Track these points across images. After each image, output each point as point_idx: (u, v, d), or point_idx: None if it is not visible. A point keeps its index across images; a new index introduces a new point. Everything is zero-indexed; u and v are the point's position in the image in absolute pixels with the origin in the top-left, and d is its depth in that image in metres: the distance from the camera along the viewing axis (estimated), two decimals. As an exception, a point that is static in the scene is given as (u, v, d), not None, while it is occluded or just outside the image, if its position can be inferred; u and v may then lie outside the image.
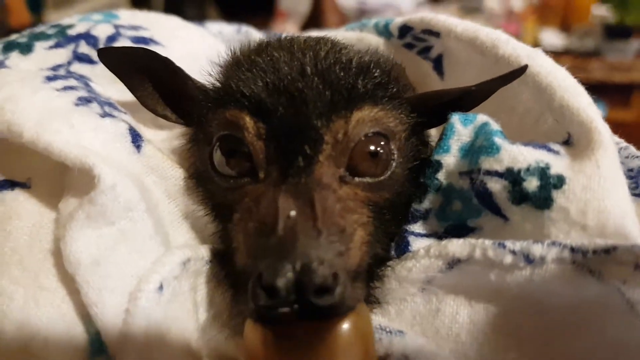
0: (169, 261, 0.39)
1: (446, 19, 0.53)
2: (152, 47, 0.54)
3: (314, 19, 2.36)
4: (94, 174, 0.38)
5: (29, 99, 0.43)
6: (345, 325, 0.34)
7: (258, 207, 0.38)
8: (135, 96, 0.48)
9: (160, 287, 0.38)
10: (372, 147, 0.41)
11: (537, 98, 0.45)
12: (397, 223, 0.44)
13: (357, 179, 0.41)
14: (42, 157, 0.42)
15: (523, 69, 0.43)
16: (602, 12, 2.29)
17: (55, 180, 0.43)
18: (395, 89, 0.45)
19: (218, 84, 0.46)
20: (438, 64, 0.56)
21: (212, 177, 0.43)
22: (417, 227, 0.44)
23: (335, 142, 0.40)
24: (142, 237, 0.40)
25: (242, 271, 0.37)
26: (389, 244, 0.43)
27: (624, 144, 0.47)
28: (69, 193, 0.41)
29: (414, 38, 0.56)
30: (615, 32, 2.15)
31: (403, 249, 0.43)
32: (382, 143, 0.42)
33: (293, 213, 0.35)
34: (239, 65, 0.45)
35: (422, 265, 0.40)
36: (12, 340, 0.36)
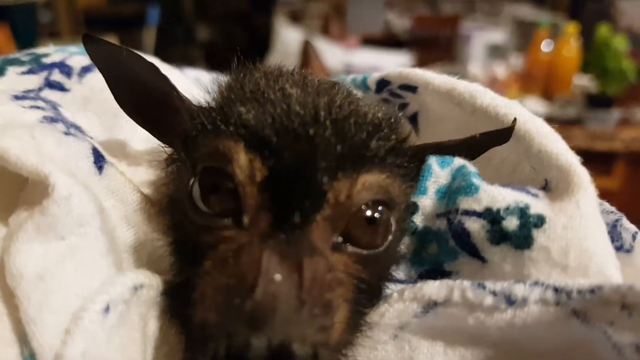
0: (119, 282, 0.37)
1: (424, 72, 0.54)
2: None
3: None
4: (48, 182, 0.37)
5: None
6: None
7: (236, 260, 0.34)
8: (112, 93, 0.46)
9: (107, 309, 0.35)
10: (372, 215, 0.38)
11: (515, 146, 0.45)
12: (376, 296, 0.41)
13: (350, 249, 0.38)
14: None
15: (512, 127, 0.43)
16: (583, 82, 2.38)
17: (8, 202, 0.41)
18: (404, 156, 0.43)
19: (212, 105, 0.43)
20: (413, 121, 0.58)
21: (187, 210, 0.38)
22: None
23: (336, 204, 0.36)
24: (92, 255, 0.38)
25: (202, 324, 0.34)
26: (364, 311, 0.40)
27: (598, 200, 0.47)
28: (21, 207, 0.39)
29: (391, 94, 0.57)
30: (597, 102, 2.24)
31: (378, 294, 0.41)
32: (383, 213, 0.39)
33: (278, 277, 0.32)
34: (242, 89, 0.41)
35: (395, 309, 0.39)
36: None
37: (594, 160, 2.35)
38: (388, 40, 3.70)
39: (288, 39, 3.02)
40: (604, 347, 0.33)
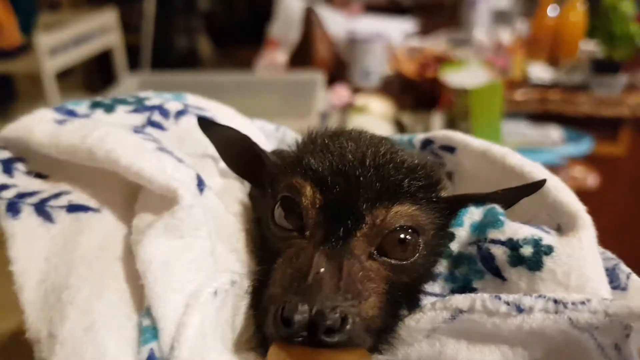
0: (223, 276, 0.50)
1: (464, 136, 0.67)
2: None
3: (304, 48, 2.49)
4: (178, 193, 0.50)
5: (124, 137, 0.56)
6: (351, 356, 0.44)
7: (298, 258, 0.49)
8: (220, 156, 0.64)
9: (215, 293, 0.48)
10: (402, 236, 0.51)
11: (535, 198, 0.58)
12: (408, 300, 0.53)
13: (383, 258, 0.51)
14: (110, 191, 0.56)
15: (543, 182, 0.56)
16: (590, 47, 2.37)
17: (122, 208, 0.56)
18: (433, 193, 0.56)
19: (292, 155, 0.59)
20: (448, 177, 0.70)
21: (270, 226, 0.55)
22: (428, 287, 0.55)
23: (373, 225, 0.50)
24: (201, 253, 0.51)
25: (267, 299, 0.48)
26: (398, 313, 0.52)
27: (601, 249, 0.57)
28: (144, 212, 0.53)
29: (432, 153, 0.70)
30: (603, 67, 2.21)
31: (414, 305, 0.53)
32: (412, 235, 0.52)
33: (322, 270, 0.46)
34: (314, 143, 0.58)
35: (428, 317, 0.50)
36: (77, 322, 0.45)
37: (599, 126, 2.29)
38: (391, 7, 3.60)
39: (290, 7, 2.98)
40: (591, 346, 0.44)
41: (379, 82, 2.54)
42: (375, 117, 2.15)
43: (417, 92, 2.32)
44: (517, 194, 0.57)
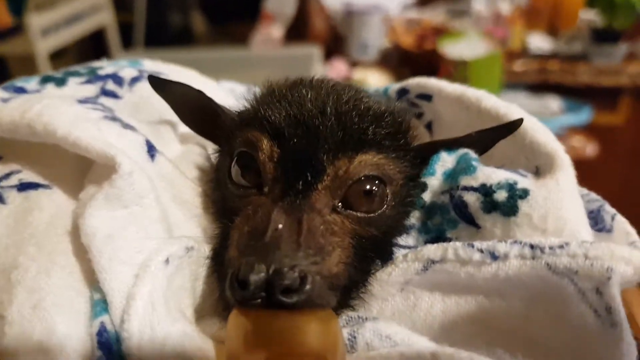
0: (175, 243, 0.47)
1: (438, 81, 0.64)
2: None
3: (300, 21, 2.45)
4: (115, 161, 0.46)
5: (65, 108, 0.53)
6: (314, 317, 0.40)
7: (255, 215, 0.46)
8: (176, 114, 0.60)
9: (167, 261, 0.45)
10: (368, 187, 0.48)
11: (512, 140, 0.54)
12: (378, 253, 0.50)
13: (348, 211, 0.48)
14: (61, 166, 0.53)
15: (519, 121, 0.52)
16: (589, 16, 2.33)
17: (72, 183, 0.52)
18: (402, 140, 0.53)
19: (249, 108, 0.55)
20: (428, 127, 0.67)
21: (227, 184, 0.52)
22: (401, 240, 0.52)
23: (336, 176, 0.47)
24: (149, 221, 0.48)
25: (227, 264, 0.44)
26: (368, 268, 0.49)
27: (585, 191, 0.55)
28: (90, 184, 0.50)
29: (409, 102, 0.67)
30: (603, 36, 2.19)
31: (387, 258, 0.50)
32: (379, 186, 0.49)
33: (280, 226, 0.43)
34: (271, 95, 0.54)
35: (400, 269, 0.47)
36: (24, 302, 0.43)
37: (599, 96, 2.28)
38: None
39: (285, -20, 2.90)
40: (572, 293, 0.41)
41: (377, 55, 2.49)
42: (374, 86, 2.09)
43: (415, 65, 2.28)
44: (493, 135, 0.53)
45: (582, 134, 2.05)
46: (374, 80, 2.13)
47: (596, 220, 0.51)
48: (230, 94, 0.80)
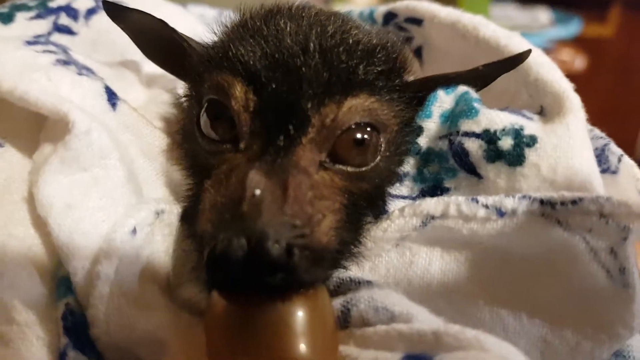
0: (143, 208, 0.41)
1: (430, 4, 0.57)
2: None
3: None
4: (68, 119, 0.40)
5: (10, 54, 0.46)
6: (301, 305, 0.34)
7: (229, 178, 0.39)
8: (138, 47, 0.52)
9: (134, 231, 0.40)
10: (359, 136, 0.42)
11: (514, 75, 0.48)
12: (371, 209, 0.45)
13: (337, 166, 0.42)
14: (16, 119, 0.46)
15: (527, 52, 0.46)
16: None
17: (29, 139, 0.46)
18: (397, 80, 0.46)
19: (218, 43, 0.47)
20: (418, 54, 0.61)
21: (197, 138, 0.44)
22: (394, 190, 0.47)
23: (322, 126, 0.41)
24: (114, 184, 0.42)
25: (202, 238, 0.38)
26: (361, 227, 0.44)
27: (589, 126, 0.50)
28: (44, 144, 0.44)
29: (397, 27, 0.60)
30: None
31: (380, 211, 0.45)
32: (372, 134, 0.42)
33: (258, 192, 0.36)
34: (244, 28, 0.46)
35: (396, 225, 0.43)
36: None
37: (588, 6, 2.33)
38: None
39: None
40: (583, 251, 0.38)
41: (364, -31, 2.33)
42: (359, 6, 1.98)
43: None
44: (496, 70, 0.47)
45: (571, 47, 1.99)
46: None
47: (600, 160, 0.47)
48: (200, 20, 0.72)
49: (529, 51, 0.46)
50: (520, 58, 0.46)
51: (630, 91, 2.39)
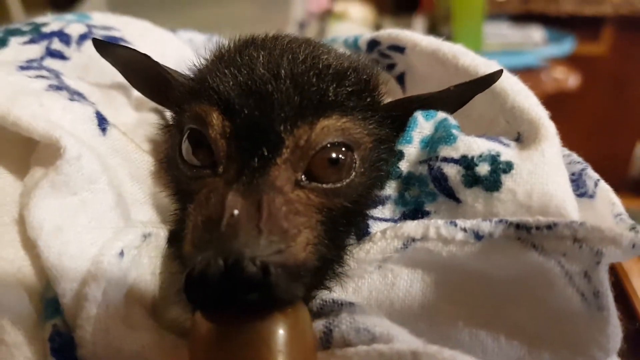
0: (131, 232, 0.43)
1: (412, 34, 0.59)
2: None
3: None
4: (60, 144, 0.42)
5: (3, 80, 0.48)
6: (280, 324, 0.35)
7: (208, 202, 0.40)
8: (125, 79, 0.55)
9: (122, 254, 0.41)
10: (333, 155, 0.44)
11: (492, 102, 0.51)
12: (351, 226, 0.46)
13: (313, 184, 0.43)
14: (7, 142, 0.48)
15: (499, 73, 0.47)
16: None
17: (19, 163, 0.47)
18: (369, 99, 0.48)
19: (197, 75, 0.50)
20: (400, 81, 0.63)
21: (179, 165, 0.46)
22: (377, 212, 0.48)
23: (296, 147, 0.43)
24: (102, 208, 0.44)
25: (185, 260, 0.40)
26: (341, 244, 0.46)
27: (567, 151, 0.52)
28: (34, 168, 0.45)
29: (380, 54, 0.62)
30: None
31: (363, 232, 0.47)
32: (345, 152, 0.44)
33: (236, 212, 0.37)
34: (221, 59, 0.49)
35: (378, 247, 0.44)
36: None
37: (582, 25, 2.34)
38: None
39: None
40: (558, 275, 0.39)
41: (359, -14, 2.38)
42: (355, 23, 2.00)
43: (398, -4, 2.19)
44: (470, 89, 0.48)
45: (565, 65, 2.01)
46: (356, 12, 2.04)
47: (577, 184, 0.49)
48: (188, 45, 0.74)
49: (500, 72, 0.48)
50: (490, 79, 0.48)
51: (623, 108, 2.42)
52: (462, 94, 0.49)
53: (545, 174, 0.43)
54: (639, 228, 0.40)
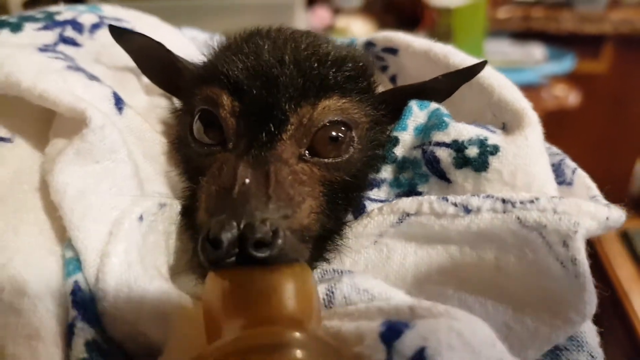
0: (149, 198, 0.48)
1: (405, 36, 0.64)
2: None
3: None
4: (85, 115, 0.46)
5: (27, 58, 0.51)
6: (289, 277, 0.39)
7: (221, 173, 0.46)
8: (138, 66, 0.59)
9: (141, 218, 0.46)
10: (333, 133, 0.49)
11: (480, 97, 0.56)
12: (350, 200, 0.51)
13: (315, 159, 0.49)
14: (23, 117, 0.52)
15: (482, 64, 0.53)
16: None
17: (36, 136, 0.52)
18: (365, 83, 0.54)
19: (207, 63, 0.55)
20: (392, 80, 0.68)
21: (190, 144, 0.52)
22: (373, 194, 0.53)
23: (300, 125, 0.48)
24: (122, 177, 0.48)
25: (199, 226, 0.44)
26: (341, 216, 0.51)
27: (547, 144, 0.57)
28: (56, 138, 0.49)
29: (374, 56, 0.68)
30: None
31: (360, 211, 0.52)
32: (344, 131, 0.50)
33: (247, 180, 0.43)
34: (228, 48, 0.54)
35: (375, 221, 0.49)
36: None
37: (582, 43, 2.33)
38: None
39: None
40: (539, 244, 0.44)
41: (361, 1, 2.46)
42: (357, 36, 2.05)
43: (399, 12, 2.25)
44: (457, 79, 0.54)
45: (565, 83, 2.06)
46: (358, 28, 2.10)
47: (557, 173, 0.53)
48: (192, 42, 0.78)
49: (484, 63, 0.53)
50: (475, 69, 0.53)
51: (623, 126, 2.46)
52: (451, 83, 0.54)
53: (528, 156, 0.48)
54: (612, 205, 0.44)
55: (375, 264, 0.48)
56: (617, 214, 0.43)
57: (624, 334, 1.13)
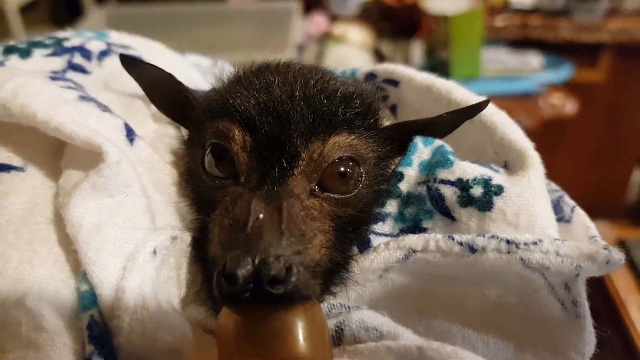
0: (162, 233, 0.50)
1: (407, 69, 0.67)
2: None
3: None
4: (102, 149, 0.48)
5: (40, 88, 0.53)
6: (302, 316, 0.41)
7: (234, 207, 0.47)
8: (147, 96, 0.61)
9: (154, 252, 0.48)
10: (342, 169, 0.51)
11: (481, 134, 0.59)
12: (357, 235, 0.54)
13: (325, 194, 0.51)
14: (35, 146, 0.53)
15: (486, 102, 0.56)
16: None
17: (48, 165, 0.53)
18: (372, 120, 0.56)
19: (217, 96, 0.57)
20: (392, 110, 0.71)
21: (202, 176, 0.53)
22: (378, 228, 0.56)
23: (310, 160, 0.50)
24: (135, 211, 0.50)
25: (212, 260, 0.46)
26: (348, 250, 0.53)
27: (546, 180, 0.59)
28: (70, 170, 0.51)
29: (376, 87, 0.70)
30: None
31: (365, 245, 0.54)
32: (353, 166, 0.51)
33: (261, 215, 0.44)
34: (239, 83, 0.56)
35: (382, 257, 0.51)
36: (8, 294, 0.44)
37: (579, 52, 2.35)
38: None
39: None
40: (542, 285, 0.47)
41: (358, 9, 2.49)
42: (354, 46, 2.12)
43: (396, 20, 2.29)
44: (460, 116, 0.57)
45: (562, 91, 2.09)
46: (354, 36, 2.13)
47: (556, 210, 0.56)
48: (195, 68, 0.80)
49: (487, 101, 0.56)
50: (478, 107, 0.56)
51: (620, 135, 2.50)
52: (454, 120, 0.57)
53: (531, 197, 0.51)
54: (611, 248, 0.47)
55: (380, 297, 0.51)
56: (616, 257, 0.45)
57: (621, 343, 1.16)
